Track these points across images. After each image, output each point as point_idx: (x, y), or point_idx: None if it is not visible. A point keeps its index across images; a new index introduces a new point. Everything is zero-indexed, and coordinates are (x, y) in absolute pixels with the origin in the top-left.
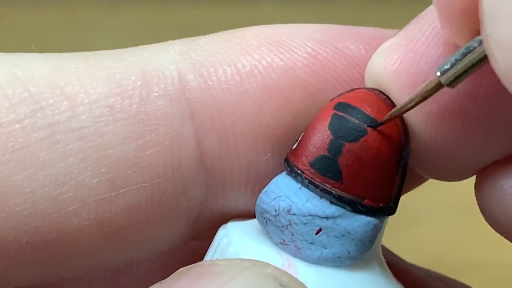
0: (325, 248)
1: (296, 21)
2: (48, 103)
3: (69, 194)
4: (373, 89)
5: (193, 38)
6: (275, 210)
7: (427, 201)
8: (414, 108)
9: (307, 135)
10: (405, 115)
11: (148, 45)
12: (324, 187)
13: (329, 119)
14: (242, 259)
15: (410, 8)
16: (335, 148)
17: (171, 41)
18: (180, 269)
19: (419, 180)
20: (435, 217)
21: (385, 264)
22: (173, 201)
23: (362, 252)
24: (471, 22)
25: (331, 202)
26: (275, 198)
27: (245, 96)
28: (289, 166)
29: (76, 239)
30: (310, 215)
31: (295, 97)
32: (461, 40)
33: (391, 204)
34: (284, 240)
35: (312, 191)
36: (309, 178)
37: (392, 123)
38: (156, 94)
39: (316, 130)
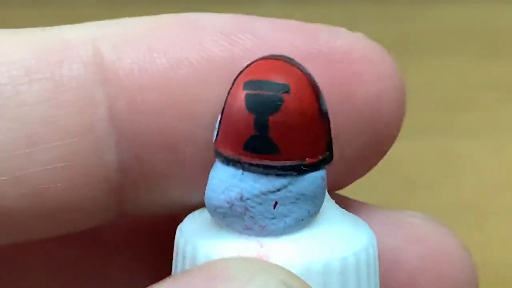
0: (286, 217)
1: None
2: None
3: None
4: (275, 56)
5: (113, 20)
6: (228, 202)
7: (427, 201)
8: None
9: (227, 121)
10: None
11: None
12: (265, 163)
13: (244, 100)
14: (249, 260)
15: (410, 8)
16: (261, 125)
17: (91, 22)
18: (190, 269)
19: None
20: (435, 217)
21: (333, 200)
22: (88, 163)
23: (320, 205)
24: None
25: (277, 175)
26: (223, 191)
27: (152, 65)
28: (224, 157)
29: None
30: (262, 194)
31: (203, 68)
32: None
33: (327, 152)
34: (246, 225)
35: (255, 172)
36: (248, 162)
37: (299, 77)
38: (70, 59)
39: (235, 114)
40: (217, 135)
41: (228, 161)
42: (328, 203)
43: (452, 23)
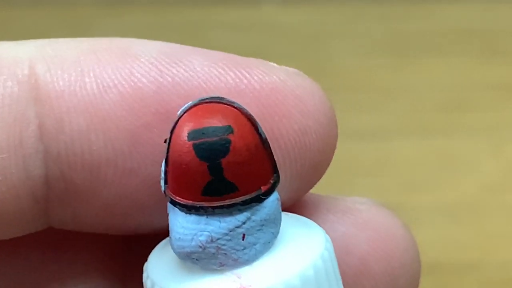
0: (255, 244)
1: (296, 21)
2: None
3: None
4: (207, 99)
5: (51, 39)
6: (200, 247)
7: (427, 201)
8: None
9: (179, 171)
10: None
11: (12, 41)
12: (227, 203)
13: (192, 152)
14: None
15: (409, 9)
16: (215, 170)
17: (29, 40)
18: None
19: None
20: (435, 217)
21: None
22: (16, 177)
23: (280, 223)
24: None
25: (239, 210)
26: (193, 238)
27: (82, 87)
28: (184, 206)
29: None
30: (230, 231)
31: (129, 97)
32: None
33: (275, 174)
34: (221, 263)
35: (219, 213)
36: (210, 206)
37: (237, 114)
38: (5, 77)
39: (186, 165)
40: (166, 183)
41: (189, 209)
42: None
43: (452, 23)
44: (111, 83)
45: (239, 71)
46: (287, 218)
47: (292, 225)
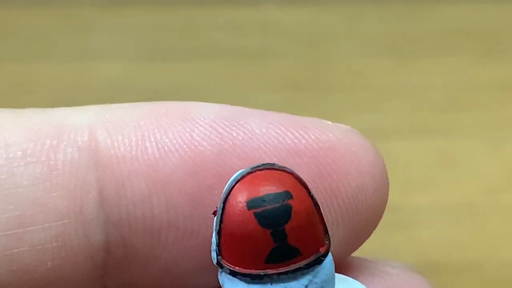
0: None
1: (296, 22)
2: None
3: None
4: (258, 167)
5: (110, 104)
6: None
7: (427, 201)
8: None
9: (239, 242)
10: None
11: (71, 107)
12: (292, 268)
13: (254, 220)
14: None
15: (410, 8)
16: (279, 237)
17: (90, 105)
18: None
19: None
20: (435, 217)
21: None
22: (76, 243)
23: (335, 282)
24: None
25: (303, 274)
26: None
27: (143, 152)
28: (247, 276)
29: None
30: None
31: (190, 159)
32: None
33: (327, 234)
34: None
35: (284, 279)
36: (276, 273)
37: (291, 179)
38: (66, 143)
39: (248, 235)
40: (219, 254)
41: (253, 278)
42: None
43: (452, 23)
44: (172, 147)
45: (297, 131)
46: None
47: (339, 283)
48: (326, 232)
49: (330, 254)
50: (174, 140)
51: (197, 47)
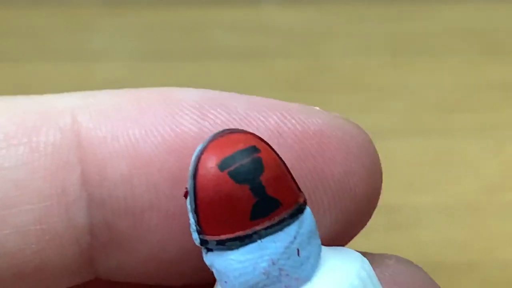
0: (309, 258)
1: (296, 21)
2: None
3: None
4: (219, 133)
5: (95, 90)
6: (264, 274)
7: (427, 201)
8: None
9: (218, 208)
10: None
11: (55, 94)
12: (277, 220)
13: (229, 179)
14: None
15: (409, 9)
16: (258, 189)
17: (74, 92)
18: None
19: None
20: (435, 217)
21: None
22: (60, 226)
23: (318, 235)
24: None
25: (288, 225)
26: (254, 268)
27: (124, 133)
28: (235, 239)
29: None
30: (286, 248)
31: (171, 140)
32: None
33: (301, 191)
34: (286, 285)
35: (271, 233)
36: (263, 228)
37: (253, 137)
38: (48, 126)
39: (227, 196)
40: (200, 232)
41: (242, 240)
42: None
43: (452, 23)
44: (153, 127)
45: (281, 113)
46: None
47: (327, 247)
48: (299, 189)
49: (307, 206)
50: (155, 120)
51: (197, 47)
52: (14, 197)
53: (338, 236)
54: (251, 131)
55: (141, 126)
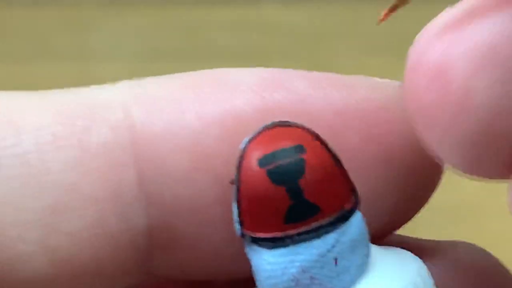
0: (350, 268)
1: (296, 21)
2: None
3: (11, 217)
4: (270, 125)
5: (143, 78)
6: (293, 280)
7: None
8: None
9: (255, 204)
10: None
11: (101, 85)
12: (313, 227)
13: (267, 178)
14: None
15: (410, 9)
16: (295, 193)
17: (121, 81)
18: None
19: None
20: (435, 217)
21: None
22: (115, 229)
23: (368, 244)
24: None
25: (326, 232)
26: (283, 272)
27: (183, 126)
28: (267, 240)
29: (23, 265)
30: (321, 257)
31: (234, 129)
32: None
33: (355, 192)
34: None
35: (306, 239)
36: (296, 233)
37: (303, 133)
38: (98, 124)
39: (262, 195)
40: (241, 224)
41: (274, 241)
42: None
43: None
44: (214, 118)
45: (345, 90)
46: (377, 247)
47: (382, 251)
48: (353, 189)
49: (359, 212)
50: (215, 109)
51: (197, 47)
52: (66, 202)
53: (401, 215)
54: (313, 112)
55: (200, 116)
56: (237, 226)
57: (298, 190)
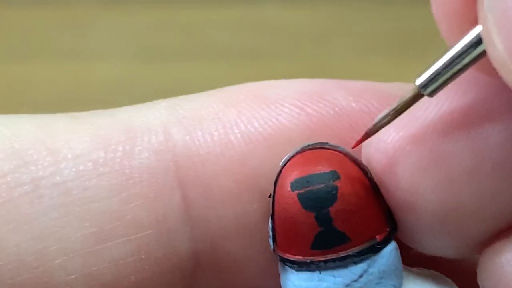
0: None
1: (296, 21)
2: (32, 158)
3: (54, 247)
4: (308, 146)
5: (180, 96)
6: None
7: None
8: (423, 176)
9: (285, 226)
10: (409, 184)
11: (137, 105)
12: (341, 256)
13: (297, 202)
14: None
15: (410, 8)
16: (324, 220)
17: (159, 100)
18: None
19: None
20: None
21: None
22: (161, 254)
23: (401, 276)
24: (467, 22)
25: (354, 262)
26: None
27: (228, 146)
28: (294, 262)
29: None
30: (346, 286)
31: (279, 147)
32: (455, 40)
33: (391, 222)
34: None
35: (332, 267)
36: (323, 260)
37: (342, 159)
38: (140, 148)
39: (292, 218)
40: (274, 241)
41: (300, 265)
42: (408, 272)
43: None
44: (259, 137)
45: (384, 100)
46: (412, 273)
47: (417, 281)
48: (390, 219)
49: (393, 243)
50: (261, 128)
51: (197, 46)
52: (109, 230)
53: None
54: (357, 126)
55: (245, 136)
56: (270, 241)
57: (328, 217)
